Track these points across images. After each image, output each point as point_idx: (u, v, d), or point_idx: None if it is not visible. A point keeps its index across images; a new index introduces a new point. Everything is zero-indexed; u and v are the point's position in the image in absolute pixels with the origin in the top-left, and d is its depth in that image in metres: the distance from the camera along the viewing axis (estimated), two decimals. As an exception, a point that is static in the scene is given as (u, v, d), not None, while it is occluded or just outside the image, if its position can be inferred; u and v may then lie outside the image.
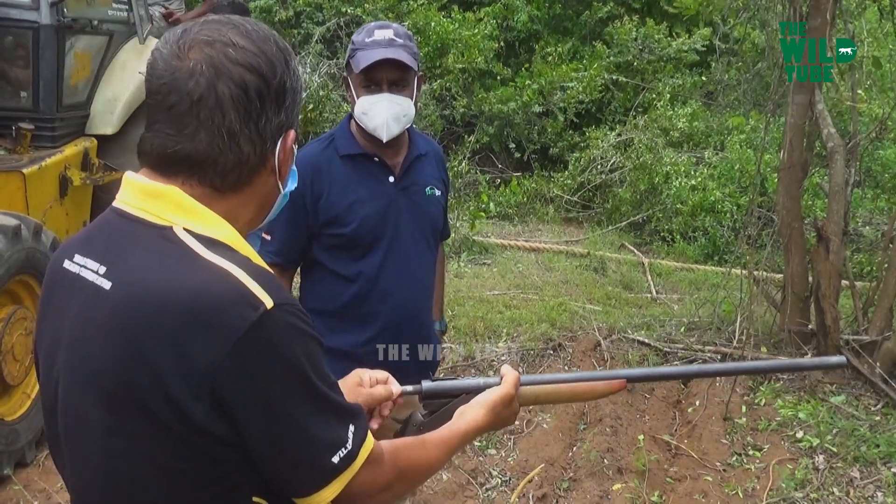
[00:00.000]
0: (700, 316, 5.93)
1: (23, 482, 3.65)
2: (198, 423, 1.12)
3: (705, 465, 4.15)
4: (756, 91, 9.05)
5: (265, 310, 1.13)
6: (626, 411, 4.68)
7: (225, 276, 1.15)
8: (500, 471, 4.10)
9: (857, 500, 3.83)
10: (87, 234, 1.30)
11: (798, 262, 5.14)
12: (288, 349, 1.15)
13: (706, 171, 9.00)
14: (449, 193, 2.80)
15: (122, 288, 1.17)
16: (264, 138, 1.23)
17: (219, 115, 1.19)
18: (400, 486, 1.33)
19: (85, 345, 1.18)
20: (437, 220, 2.65)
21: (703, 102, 10.51)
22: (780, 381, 4.96)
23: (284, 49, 1.27)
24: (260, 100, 1.22)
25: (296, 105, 1.29)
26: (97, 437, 1.17)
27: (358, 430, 1.23)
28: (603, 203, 9.40)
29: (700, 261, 8.11)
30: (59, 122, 4.69)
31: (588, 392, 1.62)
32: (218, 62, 1.19)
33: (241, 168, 1.23)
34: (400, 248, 2.51)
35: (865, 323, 5.04)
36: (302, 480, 1.20)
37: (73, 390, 1.20)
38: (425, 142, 2.70)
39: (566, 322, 5.89)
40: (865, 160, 7.60)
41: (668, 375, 1.98)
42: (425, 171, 2.61)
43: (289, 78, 1.26)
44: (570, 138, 10.26)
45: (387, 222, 2.49)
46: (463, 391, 1.58)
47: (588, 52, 11.00)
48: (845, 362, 1.74)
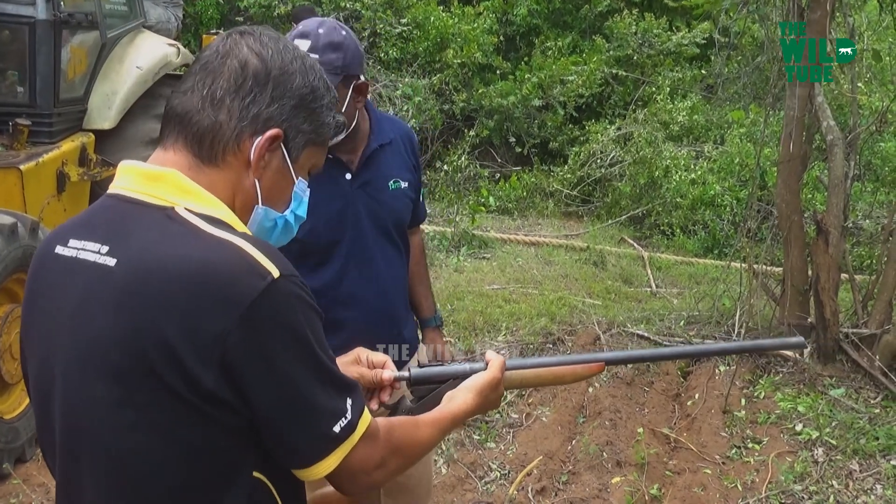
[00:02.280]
0: (699, 310, 5.93)
1: (22, 477, 3.66)
2: (207, 390, 1.14)
3: (704, 457, 4.15)
4: (756, 84, 9.05)
5: (272, 279, 1.16)
6: (625, 404, 4.68)
7: (232, 248, 1.18)
8: (500, 464, 4.10)
9: (856, 492, 3.83)
10: (82, 220, 1.31)
11: (797, 255, 5.13)
12: (294, 318, 1.18)
13: (706, 165, 9.01)
14: (422, 176, 2.62)
15: (129, 263, 1.18)
16: (243, 116, 1.27)
17: (211, 78, 1.28)
18: (394, 463, 1.35)
19: (91, 322, 1.19)
20: (401, 215, 2.49)
21: (702, 96, 10.51)
22: (779, 375, 4.96)
23: (319, 77, 1.36)
24: (255, 80, 1.28)
25: (297, 112, 1.31)
26: (103, 411, 1.18)
27: (356, 404, 1.26)
28: (602, 197, 9.40)
29: (700, 254, 8.11)
30: (56, 117, 4.66)
31: (570, 375, 1.67)
32: (236, 44, 1.30)
33: (214, 135, 1.27)
34: (361, 250, 2.39)
35: (865, 316, 5.04)
36: (305, 449, 1.22)
37: (76, 368, 1.20)
38: (392, 126, 2.53)
39: (566, 316, 5.88)
40: (865, 153, 7.60)
41: (644, 358, 2.08)
42: (389, 161, 2.46)
43: (292, 82, 1.31)
44: (570, 132, 10.26)
45: (345, 225, 2.35)
46: (450, 377, 1.61)
47: (588, 45, 11.00)
48: (804, 343, 1.81)
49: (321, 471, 1.24)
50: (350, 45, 2.26)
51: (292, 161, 1.34)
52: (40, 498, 3.55)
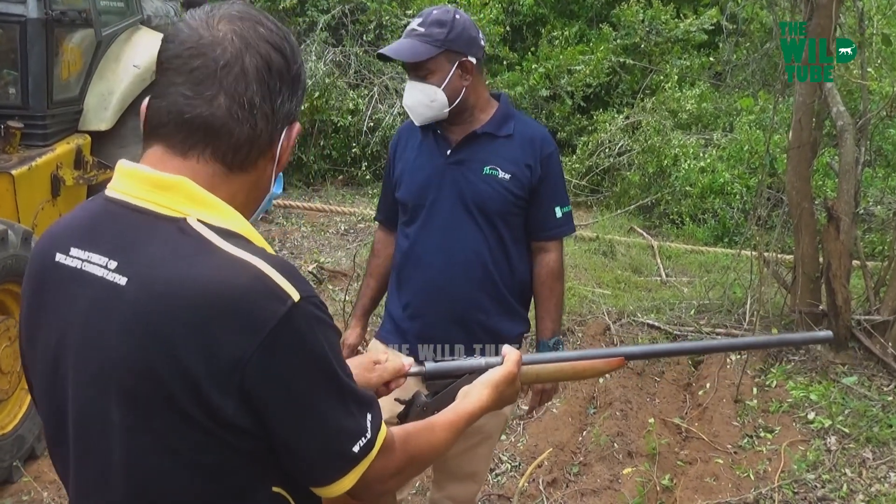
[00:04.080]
0: (710, 298, 5.91)
1: (33, 474, 3.67)
2: (225, 416, 1.11)
3: (716, 447, 4.13)
4: (764, 71, 8.99)
5: (293, 303, 1.13)
6: (636, 395, 4.66)
7: (251, 270, 1.13)
8: (510, 456, 4.09)
9: (869, 480, 3.81)
10: (82, 226, 1.24)
11: (808, 242, 5.09)
12: (315, 342, 1.16)
13: (715, 153, 8.95)
14: (545, 185, 2.59)
15: (141, 283, 1.13)
16: (277, 119, 1.23)
17: (242, 83, 1.19)
18: (410, 470, 1.35)
19: (101, 343, 1.15)
20: (488, 199, 2.53)
21: (711, 83, 10.44)
22: (791, 363, 4.93)
23: (297, 46, 1.30)
24: (280, 79, 1.23)
25: (302, 100, 1.29)
26: (118, 435, 1.15)
27: (374, 419, 1.24)
28: (611, 186, 9.36)
29: (710, 243, 8.07)
30: (50, 118, 4.50)
31: (589, 370, 1.63)
32: (247, 35, 1.21)
33: (253, 144, 1.22)
34: (437, 219, 2.56)
35: (877, 303, 5.00)
36: (324, 469, 1.21)
37: (88, 390, 1.17)
38: (521, 126, 2.62)
39: (575, 306, 5.87)
40: (876, 139, 7.54)
41: (666, 352, 2.04)
42: (494, 150, 2.56)
43: (302, 71, 1.28)
44: (578, 122, 10.21)
45: (428, 192, 2.57)
46: (466, 371, 1.58)
47: (595, 34, 10.93)
48: (832, 336, 1.76)
49: (339, 489, 1.22)
50: (459, 24, 2.46)
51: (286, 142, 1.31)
52: (52, 495, 3.56)
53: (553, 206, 2.62)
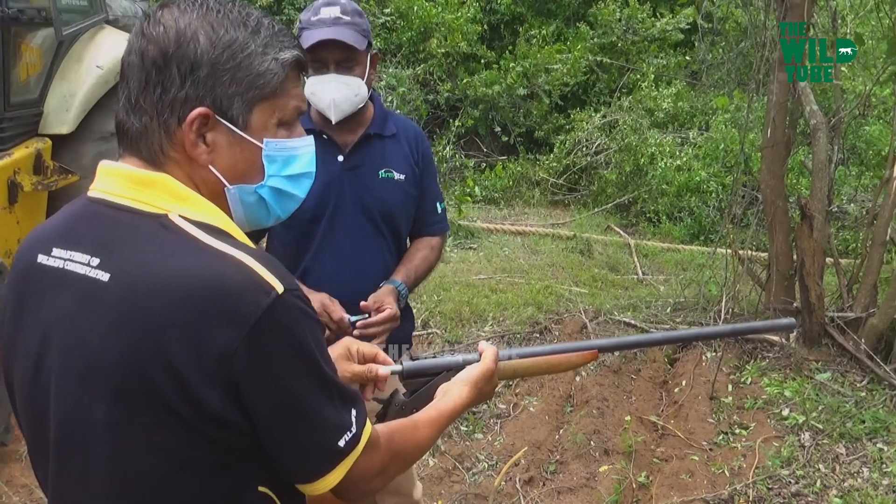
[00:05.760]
0: (686, 296, 5.94)
1: (5, 479, 3.62)
2: (211, 410, 1.11)
3: (692, 444, 4.15)
4: (740, 70, 9.05)
5: (277, 295, 1.13)
6: (612, 393, 4.68)
7: (235, 263, 1.13)
8: (487, 455, 4.09)
9: (843, 476, 3.84)
10: (63, 226, 1.24)
11: (782, 240, 5.14)
12: (300, 334, 1.15)
13: (691, 152, 9.02)
14: (426, 181, 2.59)
15: (124, 278, 1.13)
16: (161, 110, 1.19)
17: (125, 84, 1.21)
18: (393, 469, 1.34)
19: (85, 340, 1.14)
20: (391, 205, 2.48)
21: (687, 82, 10.50)
22: (765, 360, 4.97)
23: (238, 25, 1.21)
24: (156, 69, 1.18)
25: (216, 78, 1.19)
26: (103, 433, 1.14)
27: (359, 415, 1.24)
28: (589, 185, 9.40)
29: (686, 241, 8.13)
30: (7, 122, 4.28)
31: (564, 363, 1.64)
32: (136, 35, 1.21)
33: (146, 139, 1.21)
34: (340, 231, 2.42)
35: (850, 300, 5.05)
36: (310, 464, 1.20)
37: (72, 389, 1.16)
38: (398, 123, 2.56)
39: (552, 305, 5.88)
40: (849, 137, 7.61)
41: (636, 343, 2.09)
42: (385, 151, 2.47)
43: (209, 50, 1.19)
44: (556, 121, 10.25)
45: (327, 203, 2.39)
46: (444, 369, 1.58)
47: (572, 33, 10.98)
48: (794, 324, 1.82)
49: (325, 485, 1.22)
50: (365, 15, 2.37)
51: (243, 128, 1.22)
52: (23, 499, 3.51)
53: (434, 201, 2.61)
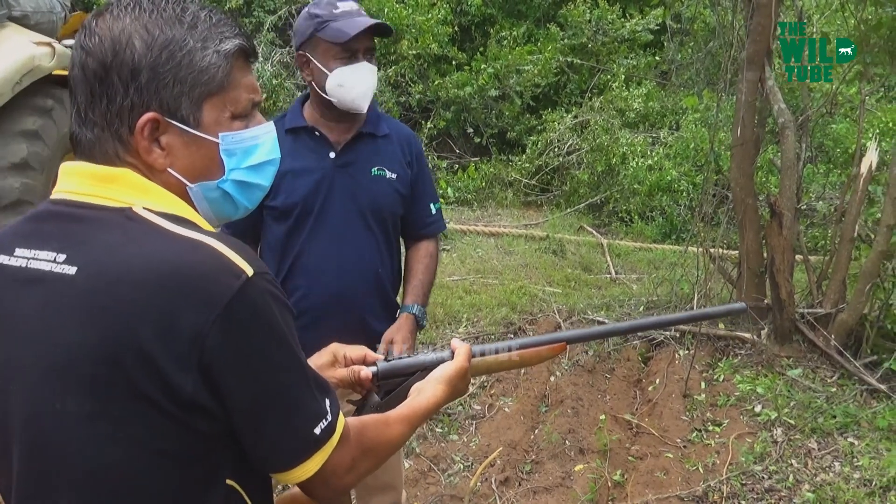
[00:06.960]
0: (658, 295, 5.97)
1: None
2: (185, 396, 1.10)
3: (666, 442, 4.17)
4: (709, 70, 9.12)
5: (247, 278, 1.12)
6: (587, 392, 4.69)
7: (204, 247, 1.13)
8: (463, 456, 4.08)
9: (815, 470, 3.88)
10: (28, 228, 1.22)
11: (752, 238, 5.18)
12: (271, 316, 1.15)
13: (662, 151, 9.08)
14: (420, 182, 2.62)
15: (92, 269, 1.12)
16: (111, 121, 1.18)
17: (73, 98, 1.20)
18: (364, 465, 1.32)
19: (55, 335, 1.12)
20: (382, 202, 2.51)
21: (657, 83, 10.58)
22: (737, 357, 5.01)
23: (173, 23, 1.19)
24: (98, 80, 1.17)
25: (157, 82, 1.18)
26: (75, 426, 1.13)
27: (333, 405, 1.23)
28: (561, 185, 9.43)
29: (658, 240, 8.18)
30: None
31: (534, 357, 1.66)
32: (73, 47, 1.20)
33: (100, 149, 1.20)
34: (328, 225, 2.45)
35: (820, 296, 5.10)
36: (285, 451, 1.19)
37: (42, 385, 1.14)
38: (391, 126, 2.60)
39: (526, 305, 5.89)
40: (817, 135, 7.70)
41: (601, 334, 2.15)
42: (377, 151, 2.50)
43: (145, 55, 1.17)
44: (528, 122, 10.27)
45: (317, 197, 2.43)
46: (418, 368, 1.58)
47: (543, 34, 11.01)
48: (745, 307, 1.89)
49: (302, 474, 1.20)
50: None
51: (195, 126, 1.21)
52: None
53: (428, 202, 2.65)
